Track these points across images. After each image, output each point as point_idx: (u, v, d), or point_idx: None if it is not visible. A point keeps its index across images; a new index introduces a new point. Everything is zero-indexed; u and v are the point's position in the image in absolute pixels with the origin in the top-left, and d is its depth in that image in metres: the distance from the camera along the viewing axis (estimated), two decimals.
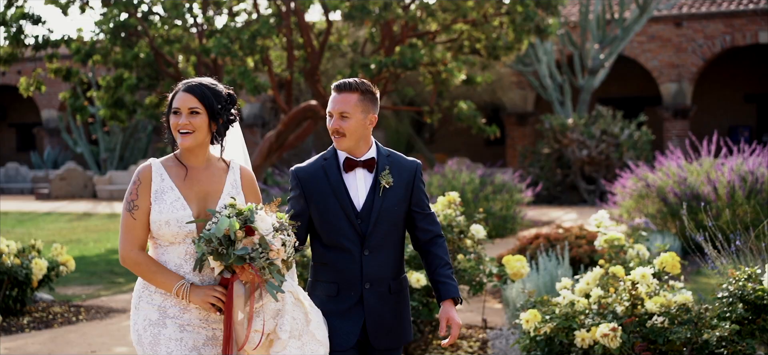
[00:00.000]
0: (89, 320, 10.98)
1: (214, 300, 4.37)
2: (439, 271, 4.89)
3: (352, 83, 4.84)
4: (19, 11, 18.62)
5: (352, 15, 16.84)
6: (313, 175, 4.86)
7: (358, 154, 4.85)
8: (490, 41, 18.56)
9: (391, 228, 4.84)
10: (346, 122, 4.78)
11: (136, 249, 4.46)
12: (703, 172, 15.26)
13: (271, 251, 4.25)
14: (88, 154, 35.61)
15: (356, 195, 4.82)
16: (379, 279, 4.82)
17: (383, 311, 4.81)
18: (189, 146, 4.51)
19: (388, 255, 4.84)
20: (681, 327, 6.31)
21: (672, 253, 6.85)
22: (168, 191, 4.48)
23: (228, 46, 16.57)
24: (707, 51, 29.94)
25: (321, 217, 4.81)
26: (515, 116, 32.24)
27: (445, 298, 4.87)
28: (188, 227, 4.42)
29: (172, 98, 4.57)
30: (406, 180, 4.88)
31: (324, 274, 4.84)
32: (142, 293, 4.51)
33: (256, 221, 4.26)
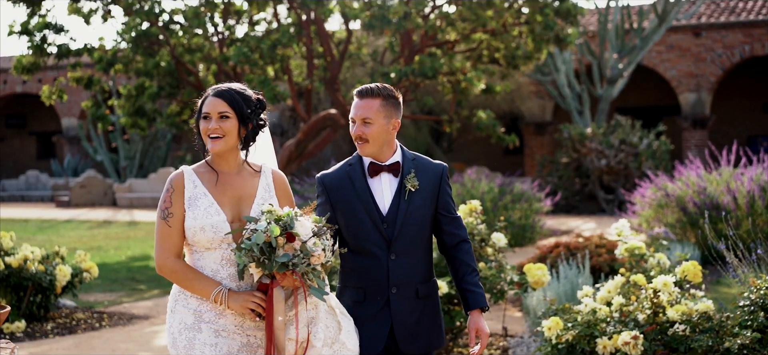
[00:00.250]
0: (112, 327, 11.09)
1: (254, 306, 4.34)
2: (467, 279, 4.85)
3: (373, 89, 4.81)
4: (42, 21, 18.79)
5: (372, 24, 16.93)
6: (338, 181, 4.83)
7: (383, 159, 4.82)
8: (509, 51, 18.62)
9: (417, 232, 4.79)
10: (368, 128, 4.76)
11: (172, 257, 4.44)
12: (722, 182, 15.25)
13: (312, 256, 4.22)
14: (108, 163, 35.83)
15: (382, 199, 4.78)
16: (407, 283, 4.77)
17: (411, 315, 4.77)
18: (219, 151, 4.48)
19: (415, 259, 4.80)
20: (702, 335, 6.36)
21: (693, 262, 6.89)
22: (201, 197, 4.46)
23: (247, 55, 16.67)
24: (726, 61, 29.91)
25: (347, 222, 4.77)
26: (533, 125, 32.26)
27: (474, 307, 4.83)
28: (224, 232, 4.39)
29: (201, 103, 4.56)
30: (432, 183, 4.83)
31: (351, 279, 4.80)
32: (178, 297, 4.51)
33: (296, 227, 4.24)
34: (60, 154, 42.63)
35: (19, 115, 44.02)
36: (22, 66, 19.20)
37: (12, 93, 41.18)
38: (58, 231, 23.36)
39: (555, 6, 17.99)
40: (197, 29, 18.92)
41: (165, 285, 14.61)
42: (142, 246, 19.92)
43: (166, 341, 4.54)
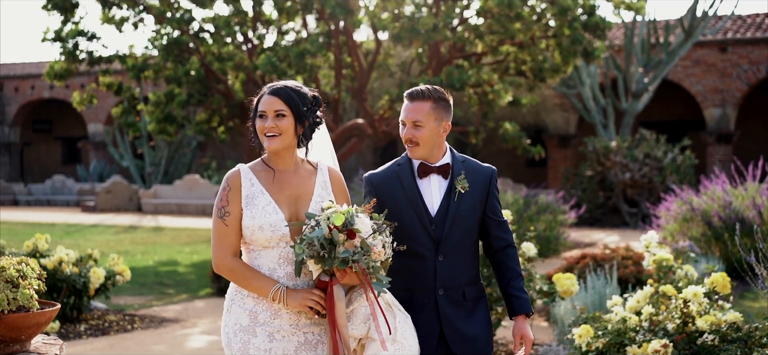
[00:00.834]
0: (144, 329, 11.26)
1: (313, 303, 4.31)
2: (512, 284, 4.83)
3: (424, 91, 4.76)
4: (75, 28, 19.03)
5: (400, 36, 17.08)
6: (386, 181, 4.81)
7: (433, 161, 4.79)
8: (536, 63, 18.72)
9: (465, 234, 4.76)
10: (419, 131, 4.73)
11: (229, 256, 4.43)
12: (748, 197, 15.32)
13: (372, 252, 4.20)
14: (133, 168, 36.13)
15: (430, 200, 4.76)
16: (454, 285, 4.74)
17: (459, 317, 4.73)
18: (275, 149, 4.44)
19: (462, 261, 4.76)
20: (731, 345, 6.47)
21: (722, 273, 7.00)
22: (259, 195, 4.42)
23: (276, 65, 16.83)
24: (752, 76, 29.90)
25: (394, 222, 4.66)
26: (558, 138, 32.33)
27: (519, 313, 4.80)
28: (282, 231, 4.36)
29: (257, 102, 4.53)
30: (482, 186, 4.81)
31: (397, 281, 4.69)
32: (235, 297, 4.49)
33: (356, 224, 4.21)
34: (85, 159, 42.98)
35: (45, 121, 44.42)
36: (55, 72, 19.44)
37: (39, 98, 41.59)
38: (84, 235, 23.60)
39: (583, 20, 18.08)
40: (227, 38, 19.13)
41: (193, 289, 14.81)
42: (168, 251, 20.13)
43: (222, 339, 4.52)
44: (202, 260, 18.55)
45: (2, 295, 4.63)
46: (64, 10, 19.18)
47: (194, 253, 19.78)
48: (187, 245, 21.42)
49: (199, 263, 18.16)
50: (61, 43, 19.05)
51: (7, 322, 4.61)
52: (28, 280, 4.87)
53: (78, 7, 19.29)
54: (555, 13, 17.93)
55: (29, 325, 4.74)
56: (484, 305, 4.89)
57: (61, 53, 19.13)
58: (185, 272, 17.00)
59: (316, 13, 18.31)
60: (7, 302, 4.62)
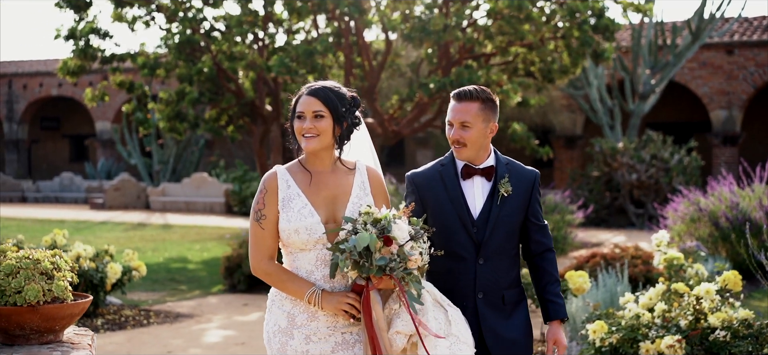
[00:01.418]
0: (160, 324, 11.43)
1: (348, 307, 4.31)
2: (549, 288, 4.80)
3: (472, 92, 4.71)
4: (88, 26, 19.20)
5: (411, 36, 17.22)
6: (429, 180, 4.76)
7: (478, 163, 4.74)
8: (545, 64, 18.86)
9: (506, 237, 4.72)
10: (467, 132, 4.67)
11: (265, 260, 4.43)
12: (755, 198, 15.45)
13: (409, 260, 4.16)
14: (141, 166, 36.31)
15: (473, 202, 4.71)
16: (493, 289, 4.70)
17: (498, 320, 4.69)
18: (313, 149, 4.40)
19: (502, 265, 4.72)
20: (742, 341, 6.62)
21: (734, 271, 7.15)
22: (295, 197, 4.40)
23: (288, 66, 16.96)
24: (758, 79, 30.02)
25: (436, 223, 4.67)
26: (564, 139, 32.46)
27: (554, 318, 4.77)
28: (318, 233, 4.34)
29: (295, 102, 4.50)
30: (525, 189, 4.76)
31: (437, 283, 4.65)
32: (275, 298, 4.51)
33: (393, 231, 4.17)
34: (93, 157, 43.17)
35: (53, 118, 44.61)
36: (69, 69, 19.60)
37: (47, 96, 41.77)
38: (94, 232, 23.76)
39: (592, 22, 18.23)
40: (238, 37, 19.28)
41: (206, 286, 14.97)
42: (178, 248, 20.28)
43: (264, 337, 4.58)
44: (212, 257, 18.70)
45: (38, 286, 4.73)
46: (78, 7, 19.36)
47: (204, 250, 19.93)
48: (196, 242, 21.57)
49: (210, 260, 18.31)
50: (74, 40, 19.21)
51: (42, 313, 4.72)
52: (62, 272, 4.99)
53: (91, 5, 19.46)
54: (564, 14, 18.07)
55: (64, 316, 4.84)
56: (524, 308, 4.84)
57: (74, 51, 19.28)
58: (196, 268, 17.15)
59: (327, 12, 18.43)
60: (43, 294, 4.73)
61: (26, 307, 4.66)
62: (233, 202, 31.29)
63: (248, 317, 12.12)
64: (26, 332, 4.75)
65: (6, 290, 4.69)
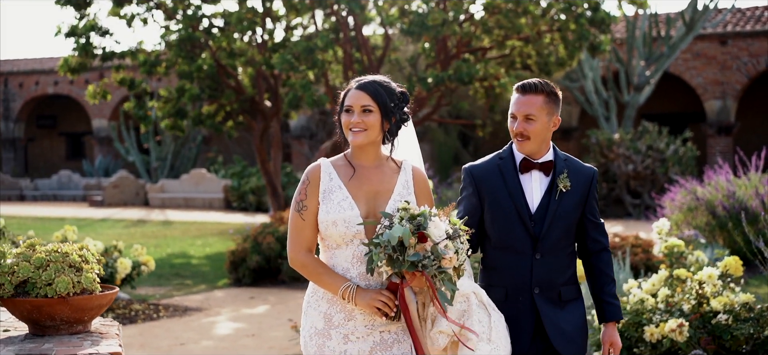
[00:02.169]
0: (169, 317, 11.62)
1: (381, 305, 4.24)
2: (605, 289, 4.76)
3: (537, 84, 4.67)
4: (89, 23, 19.35)
5: (410, 31, 17.40)
6: (488, 174, 4.71)
7: (538, 157, 4.69)
8: (542, 57, 19.06)
9: (563, 233, 4.68)
10: (531, 125, 4.62)
11: (303, 251, 4.38)
12: (751, 187, 15.68)
13: (442, 259, 4.09)
14: (139, 163, 36.47)
15: (531, 196, 4.67)
16: (550, 285, 4.66)
17: (555, 317, 4.65)
18: (360, 144, 4.36)
19: (559, 260, 4.68)
20: (744, 324, 6.85)
21: (735, 257, 7.36)
22: (336, 190, 4.35)
23: (291, 62, 17.13)
24: (752, 69, 30.25)
25: (494, 217, 4.67)
26: (559, 131, 32.68)
27: (610, 320, 4.75)
28: (356, 228, 4.29)
29: (344, 96, 4.46)
30: (583, 186, 4.72)
31: (493, 277, 4.69)
32: (311, 300, 4.46)
33: (429, 228, 4.10)
34: (90, 154, 43.29)
35: (49, 116, 44.71)
36: (69, 66, 19.75)
37: (43, 94, 41.86)
38: (94, 229, 23.91)
39: (588, 15, 18.43)
40: (238, 34, 19.45)
41: (211, 280, 15.17)
42: (180, 244, 20.46)
43: (301, 341, 4.53)
44: (214, 252, 18.90)
45: (67, 278, 4.89)
46: (79, 5, 19.50)
47: (206, 245, 20.11)
48: (198, 238, 21.75)
49: (213, 255, 18.49)
50: (75, 38, 19.35)
51: (72, 304, 4.87)
52: (90, 264, 5.16)
53: (92, 3, 19.60)
54: (561, 8, 18.27)
55: (92, 307, 5.00)
56: (581, 304, 4.80)
57: (75, 48, 19.42)
58: (199, 263, 17.34)
59: (326, 8, 18.59)
60: (72, 285, 4.89)
61: (57, 298, 4.78)
62: (232, 197, 31.47)
63: (256, 309, 12.34)
64: (56, 323, 4.89)
65: (37, 283, 4.83)
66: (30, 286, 4.82)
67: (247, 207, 30.80)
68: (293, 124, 33.90)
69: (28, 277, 4.84)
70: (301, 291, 13.82)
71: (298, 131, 34.56)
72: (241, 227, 18.20)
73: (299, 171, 32.82)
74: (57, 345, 4.68)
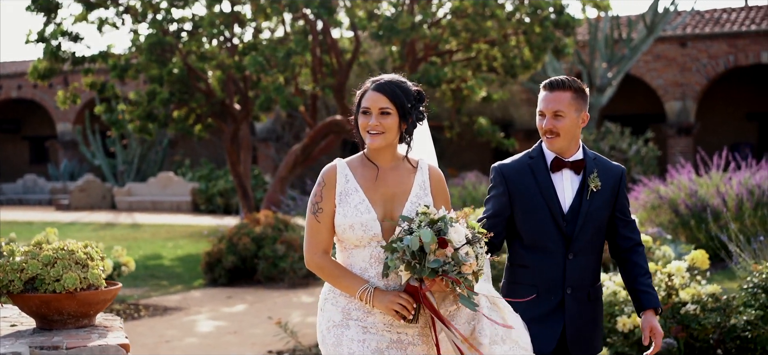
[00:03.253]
0: (151, 317, 11.85)
1: (399, 307, 4.19)
2: (641, 280, 4.75)
3: (564, 81, 4.68)
4: (58, 29, 19.46)
5: (380, 34, 17.70)
6: (519, 173, 4.70)
7: (568, 155, 4.70)
8: (507, 60, 19.43)
9: (595, 232, 4.68)
10: (560, 122, 4.63)
11: (319, 253, 4.35)
12: (712, 186, 16.14)
13: (463, 265, 4.07)
14: (105, 167, 36.50)
15: (563, 196, 4.68)
16: (581, 284, 4.67)
17: (582, 317, 4.68)
18: (378, 146, 4.31)
19: (590, 260, 4.70)
20: (712, 314, 7.25)
21: (701, 250, 7.75)
22: (352, 192, 4.31)
23: (263, 64, 17.37)
24: (711, 70, 30.86)
25: (525, 216, 4.68)
26: (524, 132, 33.10)
27: (647, 308, 4.73)
28: (373, 230, 4.26)
29: (360, 97, 4.40)
30: (613, 184, 4.74)
31: (523, 276, 4.69)
32: (328, 296, 4.42)
33: (449, 233, 4.08)
34: (54, 158, 43.15)
35: (13, 121, 44.53)
36: (39, 72, 19.84)
37: (7, 98, 41.70)
38: (63, 233, 23.94)
39: (553, 18, 18.83)
40: (206, 38, 19.64)
41: (186, 281, 15.38)
42: (151, 246, 20.62)
43: (317, 338, 4.50)
44: (186, 254, 19.09)
45: (74, 274, 5.14)
46: (48, 10, 19.59)
47: (177, 248, 20.29)
48: (168, 240, 21.91)
49: (185, 256, 18.69)
50: (44, 43, 19.44)
51: (79, 298, 5.12)
52: (95, 261, 5.42)
53: (61, 7, 19.70)
54: (527, 11, 18.66)
55: (97, 301, 5.26)
56: (601, 304, 4.88)
57: (45, 53, 19.50)
58: (172, 265, 17.53)
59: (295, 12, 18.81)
60: (79, 281, 5.15)
61: (64, 294, 5.03)
62: (200, 200, 31.62)
63: (235, 308, 12.60)
64: (63, 317, 5.13)
65: (45, 279, 5.07)
66: (38, 282, 5.05)
67: (214, 210, 30.97)
68: (259, 127, 34.08)
69: (37, 274, 5.08)
70: (278, 291, 14.10)
71: (264, 134, 34.74)
72: (214, 229, 18.41)
73: (266, 173, 33.03)
74: (66, 338, 4.91)
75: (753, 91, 33.31)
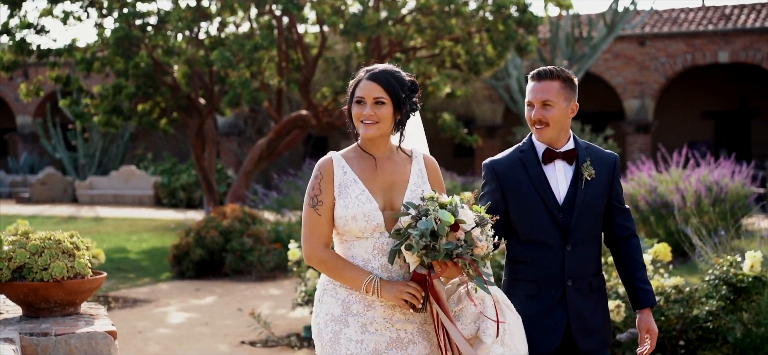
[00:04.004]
0: (121, 308, 11.97)
1: (408, 297, 4.14)
2: (637, 275, 4.69)
3: (552, 71, 4.61)
4: (24, 21, 19.42)
5: (347, 30, 17.86)
6: (510, 167, 4.63)
7: (558, 146, 4.63)
8: (471, 57, 19.68)
9: (592, 222, 4.60)
10: (549, 111, 4.56)
11: (321, 247, 4.29)
12: (672, 182, 16.48)
13: (476, 246, 4.02)
14: (66, 160, 36.33)
15: (557, 187, 4.60)
16: (581, 276, 4.59)
17: (586, 309, 4.59)
18: (372, 136, 4.27)
19: (589, 251, 4.61)
20: (675, 304, 7.51)
21: (664, 243, 8.00)
22: (352, 184, 4.27)
23: (230, 59, 17.47)
24: (669, 69, 31.34)
25: (520, 211, 4.60)
26: (485, 129, 33.42)
27: (644, 306, 4.67)
28: (376, 220, 4.21)
29: (354, 87, 4.35)
30: (607, 172, 4.67)
31: (522, 272, 4.62)
32: (327, 287, 4.35)
33: (460, 215, 4.03)
34: (13, 151, 42.84)
35: None
36: (3, 65, 19.79)
37: None
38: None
39: (516, 17, 19.11)
40: (173, 32, 19.68)
41: (153, 274, 15.48)
42: (115, 240, 20.65)
43: (312, 331, 4.41)
44: (151, 247, 19.16)
45: (62, 263, 5.27)
46: (12, 3, 19.54)
47: (142, 241, 20.35)
48: (132, 233, 21.95)
49: (149, 250, 18.76)
50: (8, 36, 19.40)
51: (66, 287, 5.25)
52: (81, 251, 5.56)
53: (26, 0, 19.66)
54: (491, 10, 18.91)
55: (84, 290, 5.39)
56: (605, 294, 4.78)
57: (10, 46, 19.47)
58: (138, 258, 17.60)
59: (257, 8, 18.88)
60: (67, 270, 5.28)
61: (52, 282, 5.15)
62: (162, 194, 31.62)
63: (204, 300, 12.74)
64: (50, 305, 5.25)
65: (33, 268, 5.19)
66: (26, 271, 5.16)
67: (177, 204, 30.98)
68: (222, 122, 34.10)
69: (25, 262, 5.20)
70: (245, 283, 14.24)
71: (227, 128, 34.75)
72: (181, 223, 18.51)
73: (229, 168, 33.08)
74: (54, 325, 5.02)
75: (710, 90, 33.87)
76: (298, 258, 9.45)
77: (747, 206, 16.38)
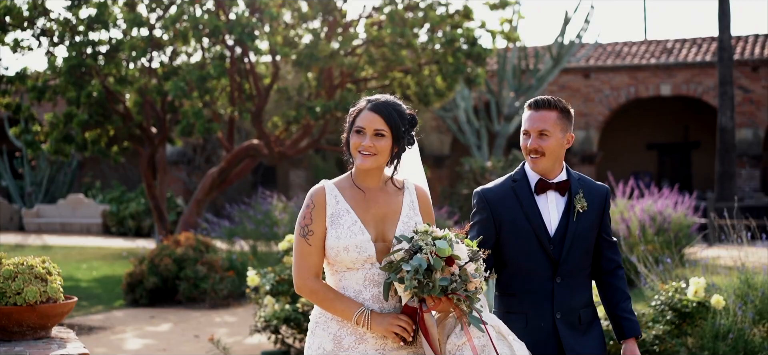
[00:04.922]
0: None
1: (399, 330, 4.11)
2: (622, 305, 4.65)
3: (550, 101, 4.61)
4: None
5: (300, 61, 18.07)
6: (502, 197, 4.60)
7: (552, 176, 4.62)
8: (421, 88, 19.98)
9: (582, 254, 4.59)
10: (545, 141, 4.54)
11: (311, 277, 4.25)
12: (617, 212, 16.88)
13: (469, 282, 4.01)
14: (12, 188, 36.03)
15: (549, 218, 4.57)
16: (571, 309, 4.57)
17: (577, 339, 4.56)
18: (368, 168, 4.25)
19: (579, 283, 4.61)
20: None
21: None
22: (344, 213, 4.24)
23: (184, 89, 17.58)
24: (613, 101, 31.97)
25: (511, 241, 4.57)
26: (433, 159, 33.77)
27: (629, 336, 4.63)
28: (368, 252, 4.19)
29: (355, 116, 4.33)
30: (598, 205, 4.66)
31: (512, 305, 4.59)
32: (319, 319, 4.32)
33: (455, 250, 4.02)
34: None
35: None
36: None
37: None
38: None
39: (465, 49, 19.46)
40: (126, 61, 19.74)
41: (106, 301, 15.51)
42: (64, 268, 20.53)
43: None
44: (102, 275, 19.15)
45: (35, 288, 5.43)
46: None
47: (92, 269, 20.32)
48: (81, 262, 21.89)
49: (101, 278, 18.76)
50: None
51: (39, 311, 5.39)
52: (53, 276, 5.72)
53: None
54: (442, 42, 19.25)
55: (55, 314, 5.55)
56: (599, 325, 4.74)
57: None
58: (89, 286, 17.60)
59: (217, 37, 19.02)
60: (39, 294, 5.44)
61: (25, 306, 5.30)
62: (111, 222, 31.49)
63: (159, 327, 12.84)
64: (23, 329, 5.39)
65: (6, 292, 5.34)
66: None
67: (126, 232, 30.88)
68: (170, 150, 34.04)
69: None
70: (200, 311, 14.35)
71: (176, 157, 34.72)
72: (134, 251, 18.55)
73: (178, 196, 33.05)
74: (27, 348, 5.17)
75: (652, 122, 34.54)
76: (256, 284, 9.60)
77: (690, 235, 16.85)
